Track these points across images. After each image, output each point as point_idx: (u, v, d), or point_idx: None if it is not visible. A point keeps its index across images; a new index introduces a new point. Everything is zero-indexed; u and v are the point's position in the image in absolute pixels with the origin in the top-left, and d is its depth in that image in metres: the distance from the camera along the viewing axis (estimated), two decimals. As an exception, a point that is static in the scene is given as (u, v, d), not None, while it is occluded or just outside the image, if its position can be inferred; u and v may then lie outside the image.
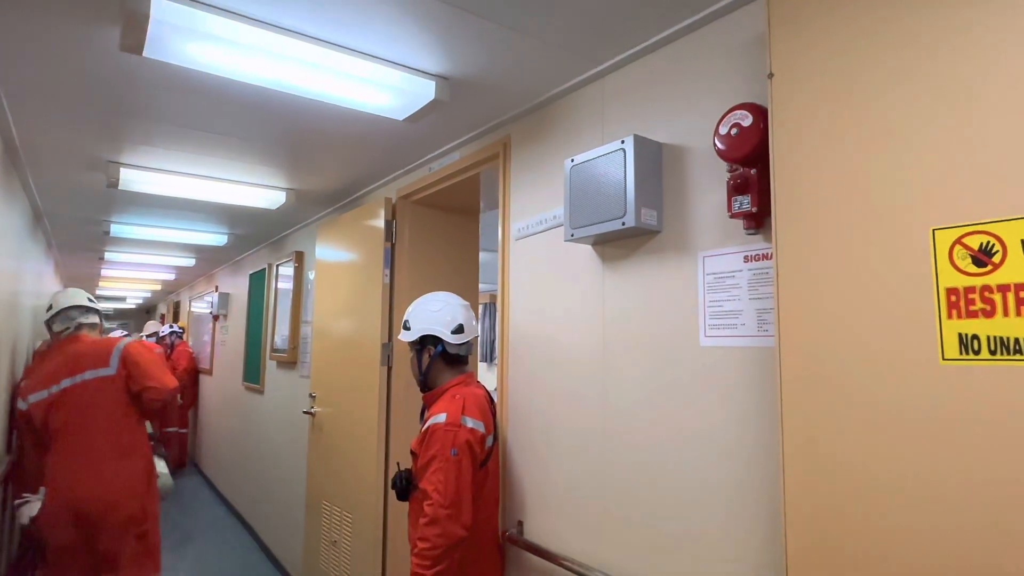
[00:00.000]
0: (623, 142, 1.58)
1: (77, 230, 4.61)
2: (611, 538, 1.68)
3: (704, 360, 1.46)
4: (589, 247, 1.83)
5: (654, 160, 1.60)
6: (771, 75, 1.21)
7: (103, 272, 7.12)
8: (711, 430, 1.44)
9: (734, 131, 1.32)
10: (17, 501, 2.58)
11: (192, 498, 6.17)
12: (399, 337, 2.11)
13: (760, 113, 1.29)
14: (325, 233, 3.49)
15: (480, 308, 8.60)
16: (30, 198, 3.57)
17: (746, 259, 1.38)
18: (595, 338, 1.78)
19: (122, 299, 11.48)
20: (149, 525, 2.75)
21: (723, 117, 1.36)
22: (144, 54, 1.58)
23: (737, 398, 1.39)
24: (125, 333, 7.15)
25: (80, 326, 2.90)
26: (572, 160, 1.74)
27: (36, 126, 2.38)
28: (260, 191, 3.25)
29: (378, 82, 1.81)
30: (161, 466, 2.99)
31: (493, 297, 8.52)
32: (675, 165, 1.59)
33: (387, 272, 2.88)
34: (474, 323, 2.11)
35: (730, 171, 1.37)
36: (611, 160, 1.61)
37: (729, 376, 1.41)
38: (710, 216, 1.48)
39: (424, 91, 1.85)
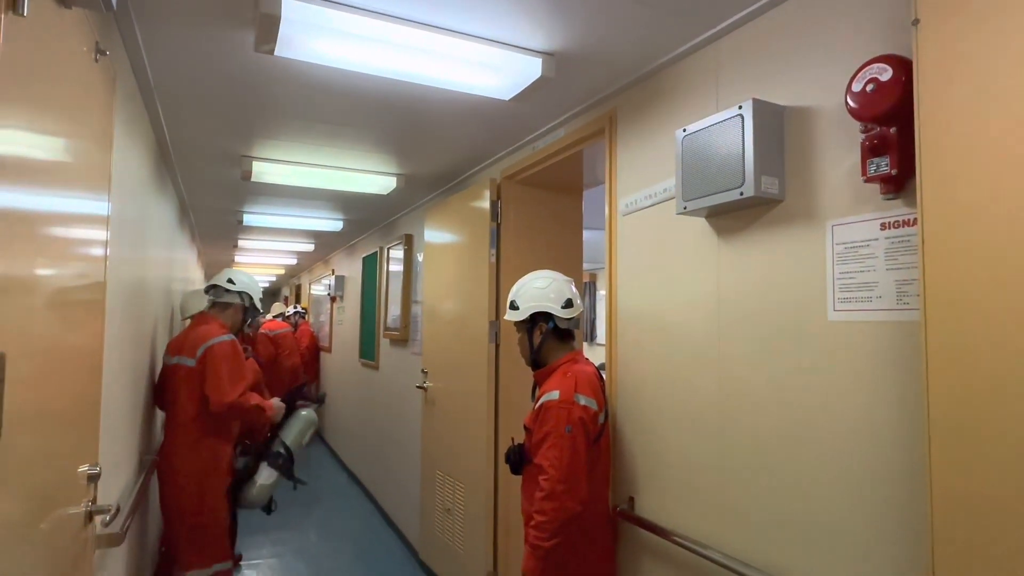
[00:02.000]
0: (740, 107, 1.50)
1: (216, 220, 5.10)
2: (727, 518, 1.64)
3: (832, 336, 1.38)
4: (702, 220, 1.76)
5: (775, 125, 1.51)
6: (916, 21, 1.09)
7: (236, 258, 7.85)
8: (839, 410, 1.35)
9: (870, 87, 1.22)
10: None
11: (317, 465, 6.71)
12: (506, 317, 2.14)
13: (901, 65, 1.18)
14: (433, 216, 3.62)
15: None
16: (178, 193, 4.00)
17: (883, 226, 1.28)
18: (709, 314, 1.73)
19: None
20: (206, 519, 2.74)
21: (856, 73, 1.26)
22: (276, 53, 1.70)
23: (870, 376, 1.29)
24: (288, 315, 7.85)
25: (212, 304, 3.06)
26: (684, 130, 1.68)
27: (183, 127, 2.66)
28: (373, 177, 3.43)
29: (485, 63, 1.85)
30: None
31: (592, 276, 8.45)
32: (799, 129, 1.49)
33: (493, 252, 2.95)
34: (579, 298, 2.11)
35: (864, 131, 1.27)
36: (727, 127, 1.54)
37: (861, 353, 1.31)
38: (840, 182, 1.38)
39: (530, 69, 1.86)
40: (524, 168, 2.81)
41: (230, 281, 3.05)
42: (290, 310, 8.39)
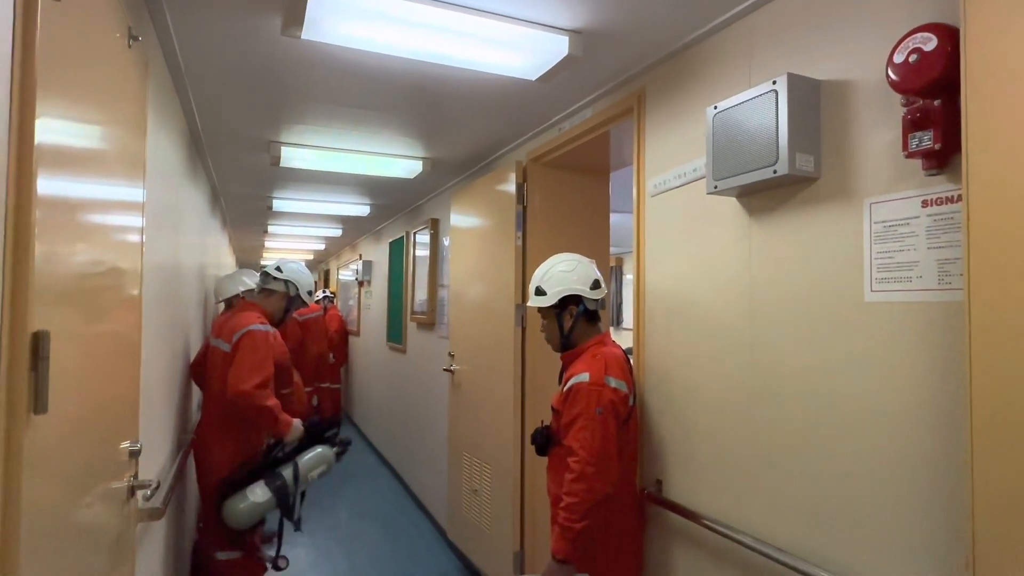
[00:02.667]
0: (775, 83, 1.46)
1: (246, 206, 5.18)
2: (758, 503, 1.62)
3: (869, 317, 1.34)
4: (733, 199, 1.73)
5: (811, 100, 1.46)
6: (964, -13, 1.04)
7: (266, 244, 7.99)
8: (876, 393, 1.32)
9: (913, 58, 1.17)
10: None
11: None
12: (533, 304, 2.09)
13: (947, 34, 1.13)
14: (458, 199, 3.62)
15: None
16: (210, 180, 4.07)
17: (925, 203, 1.23)
18: (740, 295, 1.70)
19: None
20: None
21: (898, 44, 1.21)
22: (302, 36, 1.71)
23: (909, 358, 1.26)
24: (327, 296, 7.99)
25: (260, 290, 3.11)
26: (715, 107, 1.64)
27: (214, 113, 2.69)
28: (399, 161, 3.44)
29: (511, 43, 1.82)
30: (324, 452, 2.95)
31: (618, 260, 8.38)
32: (836, 104, 1.44)
33: (519, 235, 2.94)
34: (603, 279, 2.10)
35: (906, 105, 1.22)
36: (761, 104, 1.49)
37: (899, 334, 1.28)
38: (879, 158, 1.33)
39: (557, 48, 1.83)
40: (550, 150, 2.79)
41: (278, 268, 3.07)
42: (319, 294, 8.52)
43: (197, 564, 3.17)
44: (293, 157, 3.26)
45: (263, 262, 10.63)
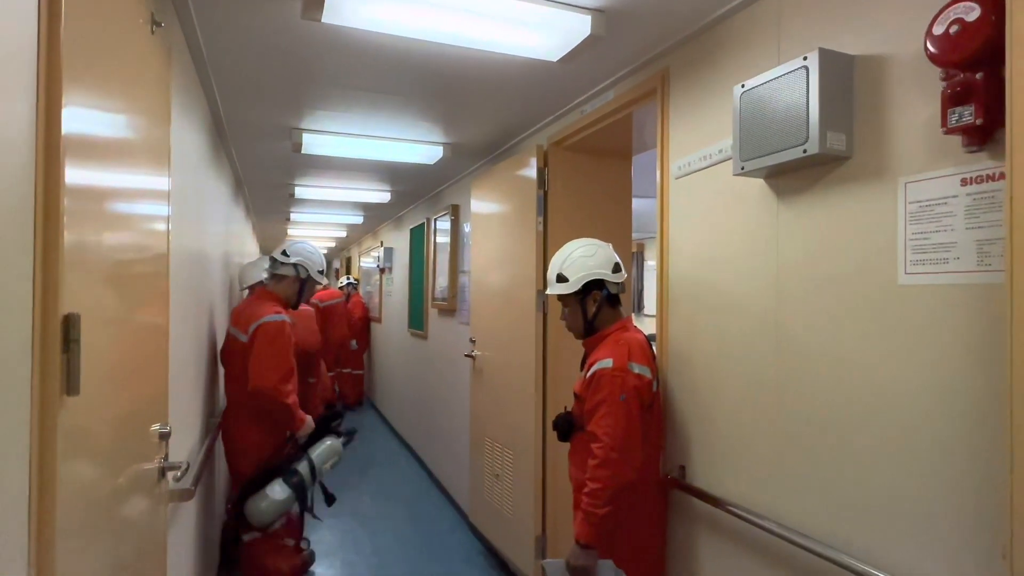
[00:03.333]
0: (805, 59, 1.41)
1: (268, 194, 5.23)
2: (783, 490, 1.60)
3: (902, 300, 1.30)
4: (761, 181, 1.68)
5: (843, 76, 1.41)
6: (1010, -48, 0.99)
7: (289, 231, 8.07)
8: (908, 380, 1.28)
9: (953, 29, 1.12)
10: None
11: (370, 430, 6.94)
12: (555, 292, 2.06)
13: (990, 3, 1.07)
14: (479, 185, 3.61)
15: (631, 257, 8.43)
16: (233, 168, 4.11)
17: (964, 182, 1.19)
18: (767, 279, 1.66)
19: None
20: None
21: (938, 15, 1.16)
22: (323, 20, 1.70)
23: (945, 343, 1.22)
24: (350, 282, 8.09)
25: (271, 276, 3.07)
26: (743, 86, 1.60)
27: (236, 102, 2.71)
28: (419, 147, 3.43)
29: (532, 22, 1.79)
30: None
31: (640, 246, 8.30)
32: (870, 79, 1.39)
33: (540, 220, 2.92)
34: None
35: (945, 79, 1.17)
36: (790, 81, 1.45)
37: (935, 318, 1.24)
38: (915, 135, 1.29)
39: (580, 27, 1.80)
40: (572, 134, 2.75)
41: (284, 253, 3.04)
42: (343, 281, 8.62)
43: (225, 544, 3.25)
44: (314, 143, 3.27)
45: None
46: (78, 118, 0.92)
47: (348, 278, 8.63)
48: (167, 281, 1.63)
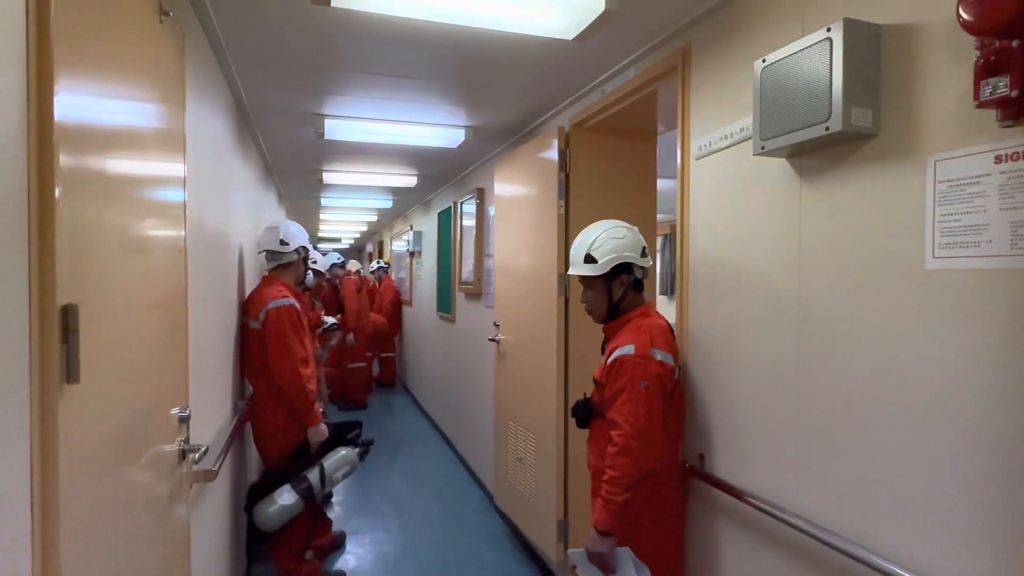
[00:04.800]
0: (828, 30, 1.33)
1: (298, 180, 5.30)
2: (804, 479, 1.54)
3: (930, 285, 1.23)
4: (783, 161, 1.61)
5: (870, 48, 1.33)
6: (1051, -95, 0.90)
7: (321, 217, 8.19)
8: (936, 368, 1.22)
9: (988, -7, 1.03)
10: None
11: (401, 411, 7.06)
12: (581, 272, 1.99)
13: (1030, -37, 0.98)
14: (501, 168, 3.57)
15: (659, 240, 8.30)
16: (262, 156, 4.17)
17: (998, 159, 1.10)
18: (788, 263, 1.59)
19: (338, 240, 13.16)
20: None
21: (972, -23, 1.07)
22: (332, 3, 1.68)
23: (976, 331, 1.15)
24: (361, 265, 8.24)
25: (273, 268, 3.06)
26: (763, 60, 1.52)
27: (258, 88, 2.73)
28: (441, 130, 3.41)
29: None
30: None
31: (673, 227, 8.15)
32: (898, 51, 1.30)
33: (562, 203, 2.87)
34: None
35: (979, 47, 1.08)
36: (813, 54, 1.37)
37: (965, 304, 1.16)
38: (946, 110, 1.20)
39: (592, 3, 1.74)
40: (593, 114, 2.69)
41: (283, 243, 3.01)
42: (374, 265, 8.75)
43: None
44: (337, 129, 3.28)
45: (319, 234, 10.93)
46: (75, 105, 0.93)
47: (379, 262, 8.74)
48: (184, 267, 1.66)
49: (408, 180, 5.17)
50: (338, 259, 6.24)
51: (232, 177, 2.82)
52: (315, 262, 3.51)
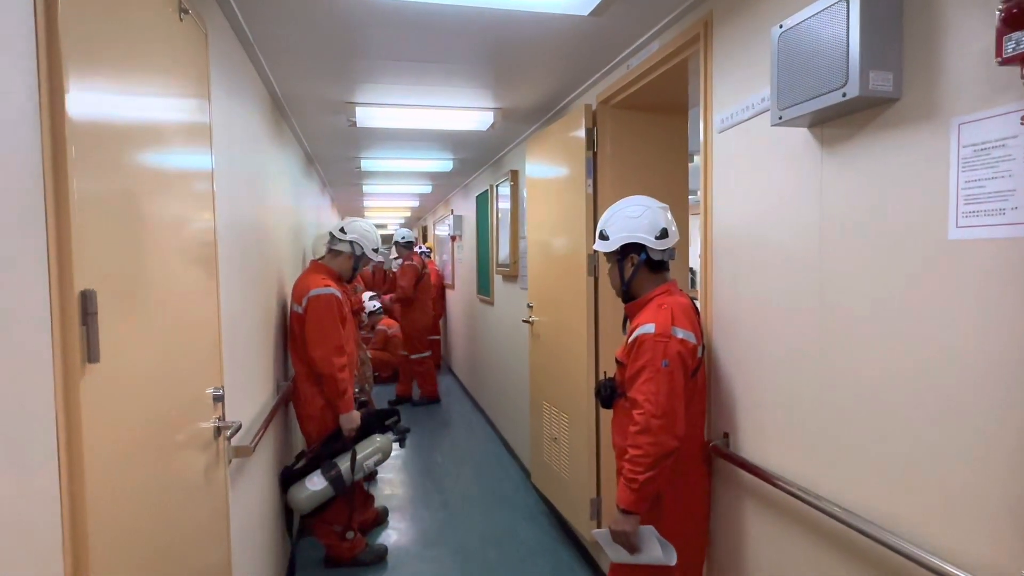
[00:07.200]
0: (846, -10, 1.27)
1: (338, 168, 5.42)
2: (828, 458, 1.51)
3: (953, 256, 1.17)
4: (804, 130, 1.55)
5: (891, 7, 1.26)
6: None
7: (365, 203, 8.36)
8: (960, 345, 1.16)
9: (1009, -60, 0.96)
10: None
11: (446, 394, 7.19)
12: (595, 247, 2.05)
13: (1055, -96, 0.91)
14: (531, 149, 3.56)
15: (692, 219, 8.05)
16: (301, 144, 4.28)
17: None
18: (810, 237, 1.54)
19: (384, 226, 13.41)
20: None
21: (994, -76, 1.00)
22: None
23: (1001, 304, 1.09)
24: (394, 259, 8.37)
25: (328, 251, 3.20)
26: (781, 26, 1.46)
27: (290, 80, 2.80)
28: (470, 113, 3.42)
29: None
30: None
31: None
32: (920, 9, 1.23)
33: (590, 182, 2.85)
34: (675, 227, 1.98)
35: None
36: (830, 15, 1.31)
37: (991, 275, 1.10)
38: (970, 69, 1.13)
39: (605, -24, 1.70)
40: (619, 90, 2.64)
41: (342, 230, 3.16)
42: (418, 249, 8.87)
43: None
44: (368, 117, 3.34)
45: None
46: (90, 102, 0.99)
47: (422, 247, 8.86)
48: (214, 255, 1.74)
49: (444, 164, 5.21)
50: (406, 237, 6.32)
51: (268, 166, 2.92)
52: (379, 263, 3.62)
